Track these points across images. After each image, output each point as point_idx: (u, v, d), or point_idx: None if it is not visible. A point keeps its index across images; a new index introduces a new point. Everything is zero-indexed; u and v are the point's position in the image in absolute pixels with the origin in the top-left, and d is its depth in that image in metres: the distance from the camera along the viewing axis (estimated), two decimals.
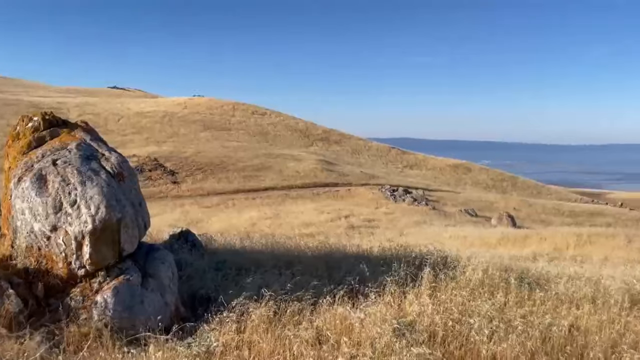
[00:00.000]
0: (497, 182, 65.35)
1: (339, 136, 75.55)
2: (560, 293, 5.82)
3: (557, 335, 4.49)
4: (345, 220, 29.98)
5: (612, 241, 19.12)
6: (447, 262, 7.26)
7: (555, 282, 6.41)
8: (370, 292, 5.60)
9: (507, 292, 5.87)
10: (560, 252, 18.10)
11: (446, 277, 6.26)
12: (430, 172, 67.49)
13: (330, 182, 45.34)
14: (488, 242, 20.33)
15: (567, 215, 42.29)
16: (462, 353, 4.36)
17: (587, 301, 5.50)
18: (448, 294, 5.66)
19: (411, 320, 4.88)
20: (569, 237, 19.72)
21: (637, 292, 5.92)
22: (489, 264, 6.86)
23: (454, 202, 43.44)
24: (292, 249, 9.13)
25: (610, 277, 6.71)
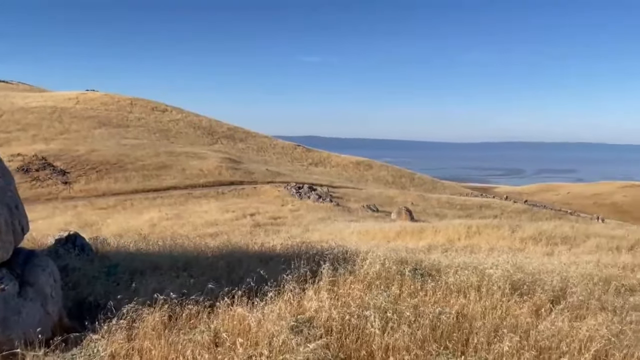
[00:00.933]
0: (397, 179, 68.27)
1: (244, 134, 74.74)
2: (450, 283, 6.15)
3: (445, 323, 4.74)
4: (251, 218, 29.74)
5: (498, 232, 20.63)
6: (346, 257, 7.41)
7: (445, 273, 6.76)
8: (269, 291, 5.55)
9: (402, 284, 6.11)
10: (453, 243, 19.27)
11: (345, 271, 6.38)
12: (335, 169, 68.94)
13: (236, 180, 44.72)
14: (388, 235, 21.14)
15: (459, 209, 45.15)
16: (358, 345, 4.46)
17: (473, 289, 5.87)
18: (346, 288, 5.77)
19: (309, 316, 4.91)
20: (460, 229, 21.02)
21: (517, 279, 6.42)
22: (386, 257, 7.09)
23: (357, 198, 44.70)
24: (191, 249, 8.85)
25: (495, 266, 7.22)
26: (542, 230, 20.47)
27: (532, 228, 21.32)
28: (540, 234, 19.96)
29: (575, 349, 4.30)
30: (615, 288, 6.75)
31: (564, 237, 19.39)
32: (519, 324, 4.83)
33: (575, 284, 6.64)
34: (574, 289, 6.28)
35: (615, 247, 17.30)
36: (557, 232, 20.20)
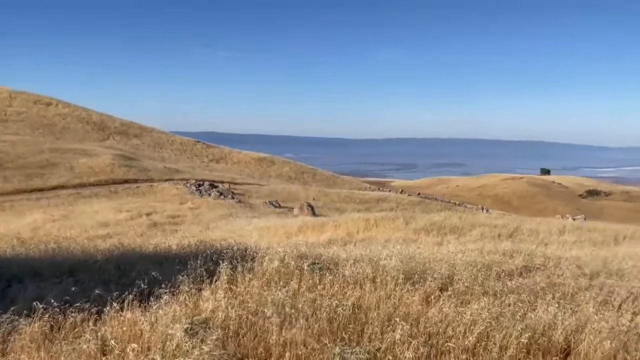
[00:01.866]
0: (299, 174, 68.93)
1: (138, 129, 71.22)
2: (347, 275, 6.30)
3: (342, 315, 4.84)
4: (147, 218, 28.44)
5: (394, 224, 21.52)
6: (246, 254, 7.32)
7: (343, 266, 6.92)
8: (164, 294, 5.32)
9: (301, 278, 6.15)
10: (352, 236, 19.83)
11: (244, 269, 6.30)
12: (236, 165, 68.06)
13: (130, 178, 42.49)
14: (290, 231, 21.26)
15: (359, 203, 46.61)
16: (255, 343, 4.42)
17: (368, 281, 6.06)
18: (245, 286, 5.69)
19: (206, 317, 4.77)
20: (359, 222, 21.68)
21: (409, 269, 6.73)
22: (285, 253, 7.10)
23: (259, 194, 44.50)
24: (78, 253, 8.24)
25: (389, 257, 7.50)
26: (433, 222, 21.65)
27: (424, 219, 22.48)
28: (432, 224, 21.11)
29: (460, 332, 4.59)
30: (496, 273, 7.30)
31: (453, 227, 20.64)
32: (411, 312, 5.06)
33: (461, 271, 7.10)
34: (460, 275, 6.72)
35: (497, 235, 18.80)
36: (447, 222, 21.46)
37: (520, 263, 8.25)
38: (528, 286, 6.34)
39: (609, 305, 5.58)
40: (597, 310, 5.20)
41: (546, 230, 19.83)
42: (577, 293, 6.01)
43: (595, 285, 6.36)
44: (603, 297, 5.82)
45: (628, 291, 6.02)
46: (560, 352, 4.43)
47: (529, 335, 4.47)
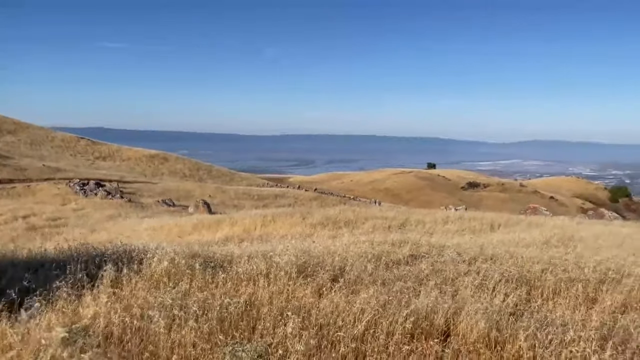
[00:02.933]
0: (194, 171, 67.01)
1: (13, 125, 64.89)
2: (241, 272, 6.21)
3: (234, 313, 4.76)
4: (24, 221, 26.07)
5: (291, 219, 21.68)
6: (133, 255, 6.93)
7: (237, 263, 6.82)
8: (38, 302, 4.87)
9: (192, 278, 5.96)
10: (249, 233, 19.68)
11: (130, 271, 5.96)
12: (125, 163, 64.54)
13: (4, 178, 38.68)
14: (184, 230, 20.62)
15: (257, 199, 46.40)
16: (142, 348, 4.20)
17: (262, 276, 6.02)
18: (130, 289, 5.39)
19: (86, 324, 4.45)
20: (257, 219, 21.57)
21: (303, 263, 6.79)
22: (176, 253, 6.84)
23: (151, 193, 42.61)
24: None
25: (284, 252, 7.52)
26: (328, 216, 22.15)
27: (320, 214, 22.91)
28: (327, 219, 21.59)
29: (350, 322, 4.72)
30: (385, 263, 7.62)
31: (347, 220, 21.25)
32: (303, 305, 5.11)
33: (353, 262, 7.32)
34: (351, 267, 6.92)
35: (388, 227, 19.64)
36: (341, 216, 22.05)
37: (407, 252, 8.67)
38: (414, 274, 6.69)
39: (484, 288, 6.04)
40: (474, 293, 5.63)
41: (432, 221, 21.03)
42: (457, 278, 6.45)
43: (473, 270, 6.86)
44: (479, 281, 6.30)
45: (501, 274, 6.58)
46: (441, 334, 4.72)
47: (413, 320, 4.72)
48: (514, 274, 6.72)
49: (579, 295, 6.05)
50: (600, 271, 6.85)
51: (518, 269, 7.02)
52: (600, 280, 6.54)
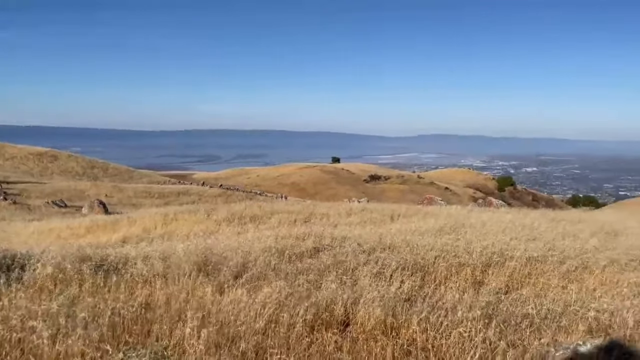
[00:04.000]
0: (88, 170, 62.97)
1: None
2: (136, 274, 5.93)
3: (127, 318, 4.52)
4: None
5: (195, 217, 21.08)
6: (14, 262, 6.36)
7: (133, 264, 6.50)
8: None
9: (82, 283, 5.58)
10: (149, 232, 18.85)
11: (9, 280, 5.45)
12: (10, 162, 59.12)
13: None
14: (77, 232, 19.31)
15: (158, 197, 44.63)
16: None
17: (160, 277, 5.79)
18: (9, 299, 4.93)
19: None
20: (157, 218, 20.73)
21: (203, 260, 6.63)
22: (64, 257, 6.37)
23: (39, 193, 39.40)
24: None
25: (184, 251, 7.29)
26: (234, 212, 21.84)
27: (225, 210, 22.53)
28: (233, 215, 21.28)
29: (251, 317, 4.67)
30: (288, 256, 7.64)
31: (253, 216, 21.09)
32: (202, 304, 4.98)
33: (256, 257, 7.26)
34: (255, 262, 6.86)
35: (294, 221, 19.74)
36: (247, 212, 21.84)
37: (310, 245, 8.76)
38: (316, 266, 6.78)
39: (382, 276, 6.27)
40: (372, 282, 5.81)
41: (336, 214, 21.45)
42: (356, 268, 6.62)
43: (372, 259, 7.09)
44: (378, 269, 6.52)
45: (397, 262, 6.85)
46: (341, 324, 4.82)
47: (313, 312, 4.78)
48: (410, 262, 7.04)
49: (467, 278, 6.47)
50: (487, 255, 7.38)
51: (413, 257, 7.36)
52: (486, 264, 7.04)
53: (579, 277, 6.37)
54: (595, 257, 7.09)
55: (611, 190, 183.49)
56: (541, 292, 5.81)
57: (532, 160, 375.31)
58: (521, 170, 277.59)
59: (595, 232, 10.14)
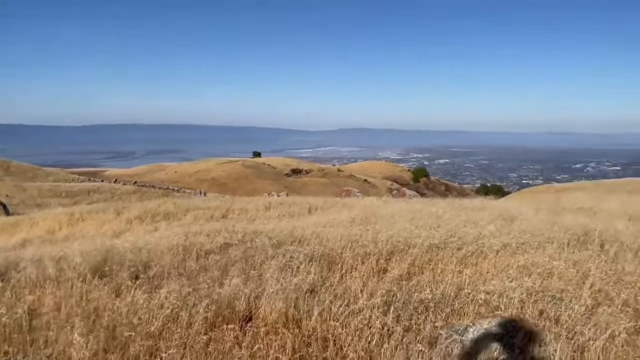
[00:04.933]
0: None
1: None
2: (23, 279, 5.52)
3: (9, 325, 4.20)
4: None
5: (104, 216, 20.14)
6: None
7: (23, 268, 6.06)
8: None
9: None
10: (53, 234, 17.76)
11: None
12: None
13: None
14: None
15: (65, 196, 42.08)
16: None
17: (51, 281, 5.43)
18: None
19: None
20: (62, 218, 19.58)
21: (100, 262, 6.31)
22: None
23: None
24: None
25: (81, 252, 6.90)
26: (147, 209, 21.10)
27: (137, 208, 21.71)
28: (146, 212, 20.56)
29: (146, 319, 4.50)
30: (196, 253, 7.47)
31: (167, 213, 20.49)
32: (95, 307, 4.73)
33: (161, 256, 7.03)
34: (159, 261, 6.64)
35: (211, 217, 19.40)
36: (161, 209, 21.18)
37: (221, 241, 8.61)
38: (223, 262, 6.67)
39: (289, 268, 6.28)
40: (279, 275, 5.80)
41: (254, 208, 21.32)
42: (264, 262, 6.59)
43: (281, 252, 7.08)
44: (285, 262, 6.53)
45: (306, 255, 6.90)
46: (243, 319, 4.77)
47: (214, 310, 4.69)
48: (318, 253, 7.12)
49: (373, 267, 6.64)
50: (392, 244, 7.61)
51: (322, 248, 7.44)
52: (390, 252, 7.26)
53: (474, 262, 6.74)
54: (490, 242, 7.52)
55: (515, 179, 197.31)
56: (439, 278, 6.08)
57: (444, 152, 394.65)
58: (434, 162, 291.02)
59: (493, 219, 10.78)
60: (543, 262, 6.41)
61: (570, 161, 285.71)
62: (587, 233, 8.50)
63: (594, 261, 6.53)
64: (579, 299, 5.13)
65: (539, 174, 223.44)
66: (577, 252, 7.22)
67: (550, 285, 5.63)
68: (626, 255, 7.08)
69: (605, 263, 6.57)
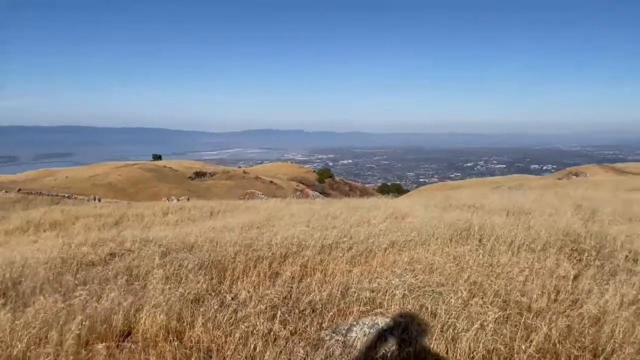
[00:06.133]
0: None
1: None
2: None
3: None
4: None
5: None
6: None
7: None
8: None
9: None
10: None
11: None
12: None
13: None
14: None
15: None
16: None
17: None
18: None
19: None
20: None
21: None
22: None
23: None
24: None
25: None
26: (30, 219, 19.58)
27: (19, 218, 20.07)
28: (29, 222, 19.08)
29: (6, 342, 4.10)
30: (77, 266, 6.97)
31: (54, 222, 19.14)
32: None
33: (36, 270, 6.46)
34: (32, 276, 6.10)
35: (103, 225, 18.34)
36: (47, 218, 19.75)
37: (107, 251, 8.13)
38: (104, 274, 6.28)
39: (176, 278, 6.04)
40: (163, 286, 5.55)
41: (151, 214, 20.50)
42: (149, 272, 6.29)
43: (168, 260, 6.80)
44: (173, 271, 6.28)
45: (195, 262, 6.70)
46: (121, 335, 4.51)
47: (88, 326, 4.38)
48: (210, 260, 6.94)
49: (265, 271, 6.59)
50: (286, 246, 7.62)
51: (215, 254, 7.27)
52: (284, 255, 7.26)
53: (364, 261, 6.93)
54: (380, 240, 7.78)
55: (413, 177, 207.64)
56: (329, 279, 6.17)
57: (348, 153, 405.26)
58: (338, 162, 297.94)
59: (386, 218, 11.19)
60: (426, 258, 6.74)
61: (462, 160, 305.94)
62: (469, 228, 9.07)
63: (472, 255, 6.98)
64: (456, 292, 5.44)
65: (434, 172, 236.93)
66: (459, 246, 7.68)
67: (431, 280, 5.92)
68: (501, 248, 7.65)
69: (482, 256, 7.04)
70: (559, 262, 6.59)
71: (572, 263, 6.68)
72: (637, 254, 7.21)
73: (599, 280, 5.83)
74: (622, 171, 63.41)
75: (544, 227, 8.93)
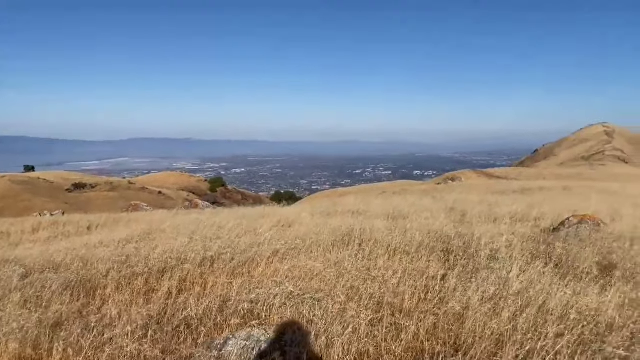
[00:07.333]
0: None
1: None
2: None
3: None
4: None
5: None
6: None
7: None
8: None
9: None
10: None
11: None
12: None
13: None
14: None
15: None
16: None
17: None
18: None
19: None
20: None
21: None
22: None
23: None
24: None
25: None
26: None
27: None
28: None
29: None
30: None
31: None
32: None
33: None
34: None
35: None
36: None
37: None
38: None
39: (36, 301, 5.52)
40: (20, 310, 5.04)
41: (19, 231, 18.68)
42: (6, 296, 5.67)
43: (29, 282, 6.20)
44: (33, 293, 5.72)
45: (60, 283, 6.17)
46: None
47: None
48: (78, 279, 6.43)
49: (140, 288, 6.24)
50: (165, 260, 7.28)
51: (84, 273, 6.75)
52: (162, 270, 6.93)
53: (245, 271, 6.84)
54: (263, 249, 7.74)
55: (306, 185, 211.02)
56: (209, 292, 6.00)
57: (241, 161, 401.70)
58: (231, 171, 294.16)
59: (273, 226, 11.18)
60: (306, 265, 6.82)
61: (352, 167, 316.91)
62: (350, 233, 9.35)
63: (351, 260, 7.19)
64: (334, 297, 5.56)
65: (326, 179, 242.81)
66: (340, 252, 7.87)
67: (310, 287, 5.99)
68: (379, 252, 7.96)
69: (360, 260, 7.28)
70: (430, 263, 7.01)
71: (441, 263, 7.13)
72: (497, 252, 7.89)
73: (463, 278, 6.27)
74: (492, 175, 69.49)
75: (419, 230, 9.46)
